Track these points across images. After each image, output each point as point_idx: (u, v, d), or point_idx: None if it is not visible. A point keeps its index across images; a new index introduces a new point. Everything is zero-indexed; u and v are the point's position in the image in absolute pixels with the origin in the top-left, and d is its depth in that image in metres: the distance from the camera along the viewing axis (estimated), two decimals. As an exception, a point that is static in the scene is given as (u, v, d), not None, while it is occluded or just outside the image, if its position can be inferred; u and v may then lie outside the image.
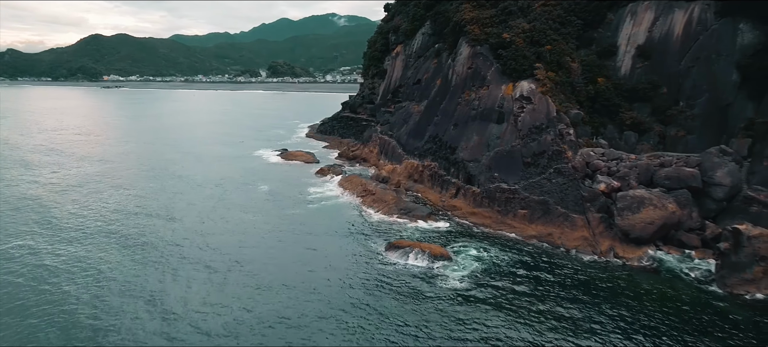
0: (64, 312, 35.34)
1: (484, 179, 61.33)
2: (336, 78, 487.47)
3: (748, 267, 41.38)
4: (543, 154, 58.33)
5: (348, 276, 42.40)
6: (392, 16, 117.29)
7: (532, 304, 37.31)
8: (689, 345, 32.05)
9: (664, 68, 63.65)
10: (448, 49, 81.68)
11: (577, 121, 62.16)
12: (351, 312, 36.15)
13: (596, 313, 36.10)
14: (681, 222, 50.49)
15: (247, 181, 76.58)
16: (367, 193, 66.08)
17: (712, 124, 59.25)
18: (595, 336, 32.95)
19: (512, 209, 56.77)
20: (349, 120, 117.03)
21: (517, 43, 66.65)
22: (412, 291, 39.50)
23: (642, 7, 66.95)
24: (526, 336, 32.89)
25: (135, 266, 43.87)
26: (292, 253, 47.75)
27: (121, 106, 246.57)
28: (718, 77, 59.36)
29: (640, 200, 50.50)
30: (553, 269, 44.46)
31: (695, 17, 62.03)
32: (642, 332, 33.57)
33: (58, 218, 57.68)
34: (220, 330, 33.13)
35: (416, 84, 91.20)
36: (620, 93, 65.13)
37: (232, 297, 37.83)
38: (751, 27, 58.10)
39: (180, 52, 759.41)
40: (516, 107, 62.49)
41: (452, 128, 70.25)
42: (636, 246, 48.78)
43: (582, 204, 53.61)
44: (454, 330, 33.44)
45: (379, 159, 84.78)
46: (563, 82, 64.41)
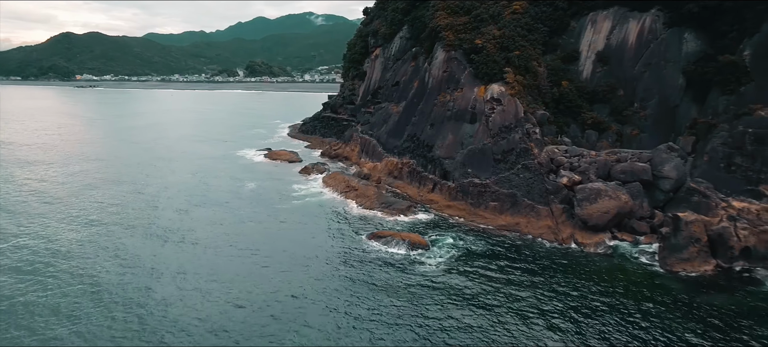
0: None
1: (459, 175, 66.48)
2: (314, 77, 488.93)
3: (684, 248, 47.43)
4: (512, 152, 63.75)
5: (335, 262, 46.97)
6: (371, 20, 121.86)
7: (499, 284, 42.43)
8: (632, 313, 37.49)
9: (620, 72, 69.89)
10: (424, 52, 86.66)
11: (543, 121, 67.88)
12: (339, 290, 40.71)
13: (555, 288, 41.40)
14: (633, 211, 56.34)
15: (234, 179, 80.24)
16: (350, 189, 70.60)
17: (662, 124, 65.56)
18: (553, 306, 38.16)
19: (484, 202, 62.01)
20: (331, 120, 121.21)
21: (489, 49, 71.99)
22: (392, 274, 44.27)
23: (601, 16, 73.13)
24: (493, 309, 37.89)
25: (143, 249, 47.55)
26: (283, 243, 52.01)
27: (100, 106, 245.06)
28: (667, 81, 65.75)
29: (597, 192, 56.23)
30: (519, 254, 49.73)
31: (646, 27, 68.36)
32: (593, 304, 38.95)
33: (84, 208, 60.70)
34: (226, 306, 37.30)
35: (395, 86, 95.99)
36: (582, 95, 71.12)
37: (234, 277, 41.99)
38: (694, 36, 64.62)
39: (155, 51, 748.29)
40: (487, 108, 67.82)
41: (429, 128, 75.24)
42: (593, 233, 54.40)
43: (546, 197, 59.14)
44: (429, 306, 38.27)
45: (360, 157, 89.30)
46: (530, 85, 70.02)
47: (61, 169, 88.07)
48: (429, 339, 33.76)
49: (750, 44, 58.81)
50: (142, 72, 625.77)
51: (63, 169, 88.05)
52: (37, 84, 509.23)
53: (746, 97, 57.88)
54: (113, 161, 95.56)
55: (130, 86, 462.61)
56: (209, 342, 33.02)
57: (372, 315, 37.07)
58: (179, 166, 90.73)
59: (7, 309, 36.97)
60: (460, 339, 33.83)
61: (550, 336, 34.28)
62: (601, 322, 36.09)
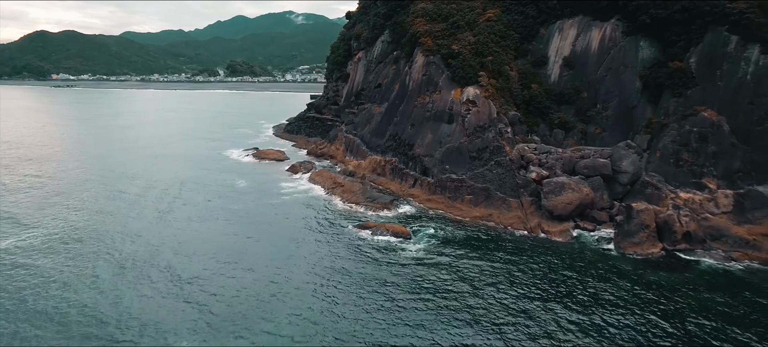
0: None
1: (437, 171, 72.00)
2: (296, 77, 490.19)
3: (635, 234, 53.69)
4: (486, 149, 69.52)
5: (326, 248, 52.03)
6: (354, 24, 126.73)
7: (472, 267, 47.96)
8: (588, 287, 43.36)
9: (584, 76, 76.26)
10: (405, 57, 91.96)
11: (514, 121, 73.81)
12: (329, 272, 45.79)
13: (523, 267, 47.11)
14: (594, 202, 62.55)
15: (225, 178, 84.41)
16: (336, 185, 75.57)
17: (621, 123, 72.04)
18: (521, 280, 43.81)
19: (460, 195, 67.62)
20: (315, 120, 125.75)
21: (464, 54, 77.62)
22: (377, 258, 49.47)
23: (567, 24, 79.41)
24: (465, 287, 43.37)
25: (147, 239, 51.87)
26: (277, 234, 56.82)
27: (84, 106, 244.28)
28: (625, 85, 72.26)
29: (562, 185, 62.30)
30: (491, 242, 55.41)
31: (607, 35, 74.84)
32: (555, 280, 44.76)
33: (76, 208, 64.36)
34: (234, 282, 42.05)
35: (377, 88, 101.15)
36: (550, 97, 77.28)
37: (236, 261, 46.69)
38: (648, 44, 71.24)
39: (133, 50, 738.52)
40: (463, 109, 73.47)
41: (410, 128, 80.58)
42: (558, 222, 60.39)
43: (517, 190, 65.03)
44: (411, 282, 43.58)
45: (345, 155, 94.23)
46: (503, 87, 75.89)
47: (70, 166, 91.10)
48: (410, 307, 39.05)
49: (695, 52, 65.55)
50: (121, 71, 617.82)
51: (70, 167, 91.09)
52: (10, 83, 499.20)
53: (692, 99, 64.61)
54: (107, 160, 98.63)
55: (108, 86, 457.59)
56: (232, 300, 37.79)
57: (360, 290, 42.23)
58: (172, 165, 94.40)
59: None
60: (439, 305, 39.18)
61: (518, 301, 39.89)
62: (562, 293, 41.87)
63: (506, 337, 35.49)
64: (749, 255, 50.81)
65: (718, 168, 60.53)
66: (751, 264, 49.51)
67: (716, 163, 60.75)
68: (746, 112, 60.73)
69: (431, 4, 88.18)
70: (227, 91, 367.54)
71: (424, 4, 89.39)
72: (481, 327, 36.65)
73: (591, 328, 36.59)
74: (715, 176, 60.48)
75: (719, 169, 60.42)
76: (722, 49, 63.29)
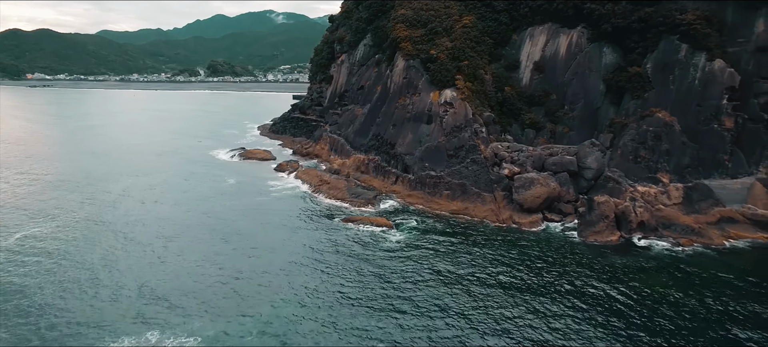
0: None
1: (417, 168, 77.03)
2: (277, 77, 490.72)
3: (596, 223, 59.47)
4: (462, 148, 74.78)
5: (316, 239, 56.64)
6: (336, 28, 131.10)
7: (450, 254, 53.04)
8: (553, 271, 48.74)
9: (553, 79, 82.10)
10: (386, 60, 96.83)
11: (488, 122, 79.23)
12: (320, 260, 50.48)
13: (495, 256, 52.33)
14: (561, 196, 68.19)
15: (215, 177, 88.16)
16: (323, 183, 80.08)
17: (587, 123, 78.00)
18: (494, 263, 49.03)
19: (439, 191, 72.74)
20: (300, 120, 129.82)
21: (442, 59, 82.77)
22: (362, 247, 54.25)
23: (537, 31, 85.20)
24: (444, 272, 48.41)
25: (151, 231, 55.78)
26: (270, 227, 61.19)
27: (68, 106, 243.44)
28: (590, 87, 78.27)
29: (532, 181, 67.84)
30: (467, 232, 60.59)
31: (574, 41, 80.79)
32: (525, 262, 50.11)
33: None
34: (232, 272, 46.39)
35: (360, 89, 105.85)
36: (522, 99, 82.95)
37: (232, 252, 50.98)
38: (611, 50, 77.35)
39: (111, 50, 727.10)
40: (441, 111, 78.63)
41: (391, 128, 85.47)
42: (528, 214, 65.88)
43: (491, 186, 70.42)
44: (393, 267, 48.45)
45: (330, 154, 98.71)
46: (478, 90, 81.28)
47: (77, 164, 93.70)
48: (393, 287, 43.92)
49: (651, 59, 71.84)
50: (98, 71, 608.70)
51: (73, 166, 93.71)
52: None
53: (649, 101, 70.86)
54: (103, 159, 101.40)
55: (87, 86, 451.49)
56: (236, 284, 42.15)
57: (346, 275, 46.99)
58: (163, 164, 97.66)
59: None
60: (420, 287, 44.12)
61: (491, 280, 45.05)
62: (530, 276, 47.20)
63: (481, 311, 40.57)
64: (694, 240, 56.96)
65: (670, 164, 66.85)
66: (696, 248, 55.63)
67: (669, 159, 67.05)
68: (694, 113, 67.19)
69: (411, 11, 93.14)
70: (209, 92, 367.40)
71: (404, 11, 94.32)
72: (458, 305, 41.66)
73: (554, 304, 41.91)
74: (667, 171, 66.78)
75: (671, 165, 66.75)
76: (674, 56, 69.66)
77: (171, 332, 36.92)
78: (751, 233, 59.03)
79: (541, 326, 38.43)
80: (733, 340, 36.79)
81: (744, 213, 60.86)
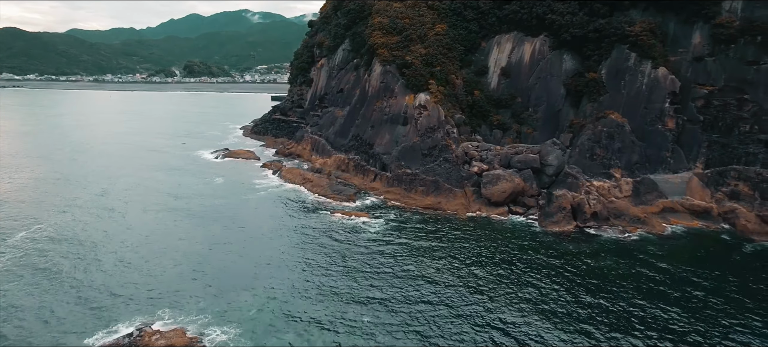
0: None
1: (394, 166, 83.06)
2: (255, 77, 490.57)
3: (554, 214, 66.44)
4: (435, 148, 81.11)
5: (302, 231, 62.13)
6: (315, 32, 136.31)
7: (425, 243, 59.19)
8: (515, 256, 55.26)
9: (518, 84, 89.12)
10: (364, 65, 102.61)
11: (459, 123, 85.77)
12: (307, 248, 56.00)
13: (464, 244, 58.66)
14: (525, 190, 75.02)
15: (203, 176, 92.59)
16: (306, 181, 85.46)
17: (549, 124, 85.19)
18: (463, 248, 55.31)
19: (414, 187, 78.90)
20: (281, 122, 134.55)
21: (416, 64, 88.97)
22: (346, 236, 60.03)
23: (504, 39, 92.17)
24: (420, 257, 54.50)
25: (155, 226, 60.44)
26: (259, 221, 66.39)
27: (43, 109, 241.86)
28: (552, 91, 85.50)
29: (498, 177, 74.58)
30: (439, 224, 66.84)
31: (537, 49, 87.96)
32: (492, 247, 56.58)
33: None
34: (232, 257, 51.60)
35: (339, 92, 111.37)
36: (490, 102, 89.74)
37: (228, 242, 56.18)
38: (570, 57, 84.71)
39: (82, 49, 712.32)
40: (416, 113, 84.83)
41: (370, 129, 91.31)
42: (495, 207, 72.56)
43: (461, 182, 76.89)
44: (371, 255, 54.33)
45: (311, 154, 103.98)
46: (450, 94, 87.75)
47: (71, 166, 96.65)
48: (373, 267, 49.80)
49: (605, 65, 79.35)
50: (70, 71, 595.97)
51: (71, 166, 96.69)
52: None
53: (603, 104, 78.31)
54: (98, 159, 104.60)
55: (59, 87, 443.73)
56: (237, 269, 47.41)
57: (332, 261, 52.71)
58: (152, 165, 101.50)
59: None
60: (398, 270, 50.10)
61: (460, 265, 51.30)
62: (495, 260, 53.63)
63: (452, 288, 46.77)
64: (639, 228, 64.44)
65: (621, 160, 74.32)
66: (641, 234, 63.06)
67: (620, 156, 74.52)
68: (642, 115, 74.89)
69: (387, 19, 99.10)
70: (186, 93, 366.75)
71: (380, 19, 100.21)
72: (432, 284, 47.78)
73: (513, 282, 48.39)
74: (619, 167, 74.23)
75: (622, 162, 74.23)
76: (625, 63, 77.29)
77: (180, 310, 42.08)
78: (688, 221, 66.89)
79: (501, 296, 44.81)
80: (661, 305, 43.76)
81: (683, 204, 68.69)
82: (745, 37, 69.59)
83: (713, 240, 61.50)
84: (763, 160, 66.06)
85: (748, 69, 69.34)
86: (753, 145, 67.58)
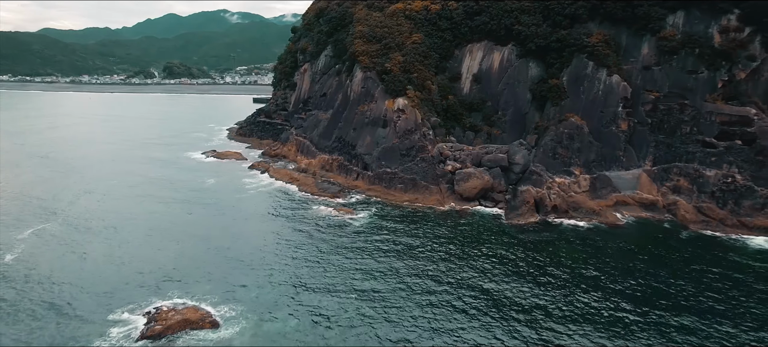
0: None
1: (375, 166, 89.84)
2: (235, 79, 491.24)
3: (519, 208, 74.02)
4: (413, 148, 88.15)
5: (292, 225, 68.49)
6: (299, 39, 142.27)
7: (404, 234, 66.09)
8: (483, 244, 62.49)
9: (488, 89, 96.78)
10: (346, 71, 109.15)
11: (435, 126, 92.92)
12: (298, 239, 62.43)
13: (439, 234, 65.71)
14: (494, 187, 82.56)
15: (195, 176, 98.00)
16: (293, 180, 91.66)
17: (516, 126, 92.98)
18: (436, 242, 62.32)
19: (394, 185, 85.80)
20: (266, 124, 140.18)
21: (395, 71, 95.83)
22: (332, 228, 66.61)
23: (475, 47, 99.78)
24: (400, 245, 61.34)
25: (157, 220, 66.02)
26: (252, 216, 72.47)
27: (23, 111, 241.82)
28: (519, 96, 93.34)
29: (470, 174, 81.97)
30: (417, 218, 73.82)
31: (505, 57, 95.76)
32: (461, 237, 63.76)
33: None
34: (231, 249, 57.64)
35: (322, 96, 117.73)
36: (463, 106, 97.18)
37: (225, 241, 62.22)
38: (535, 65, 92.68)
39: (57, 49, 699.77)
40: (395, 116, 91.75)
41: (352, 131, 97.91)
42: (467, 202, 79.89)
43: (436, 179, 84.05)
44: (355, 246, 61.00)
45: (297, 155, 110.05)
46: (426, 98, 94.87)
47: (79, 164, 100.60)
48: (358, 255, 56.50)
49: (566, 72, 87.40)
50: (45, 72, 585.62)
51: (79, 164, 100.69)
52: None
53: (565, 108, 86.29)
54: (96, 161, 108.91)
55: (35, 88, 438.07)
56: (237, 256, 53.53)
57: (320, 250, 59.28)
58: (145, 166, 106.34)
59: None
60: (380, 256, 56.86)
61: (435, 249, 58.30)
62: (466, 248, 60.80)
63: (427, 268, 53.71)
64: (594, 219, 72.39)
65: (581, 159, 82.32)
66: (595, 224, 70.97)
67: (580, 155, 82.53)
68: (598, 118, 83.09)
69: (367, 28, 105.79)
70: (166, 94, 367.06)
71: (361, 28, 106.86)
72: (411, 267, 54.65)
73: (481, 265, 55.61)
74: (579, 165, 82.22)
75: (581, 160, 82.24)
76: (583, 71, 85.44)
77: (188, 292, 48.14)
78: (638, 213, 75.16)
79: (470, 275, 51.95)
80: (603, 278, 51.43)
81: (633, 198, 77.00)
82: (686, 49, 78.33)
83: (657, 228, 69.81)
84: (700, 158, 74.75)
85: (688, 77, 78.11)
86: (692, 145, 76.27)
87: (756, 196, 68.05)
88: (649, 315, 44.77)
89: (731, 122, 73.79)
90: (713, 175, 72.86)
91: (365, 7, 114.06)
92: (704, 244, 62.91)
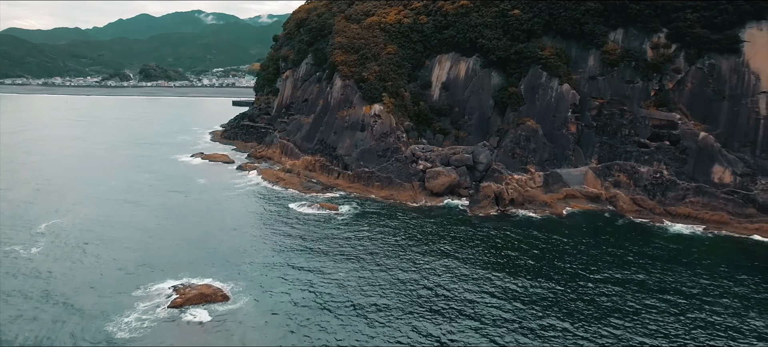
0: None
1: (355, 166, 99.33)
2: (213, 81, 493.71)
3: (480, 202, 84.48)
4: (388, 150, 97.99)
5: (282, 219, 77.46)
6: (281, 46, 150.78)
7: (382, 225, 75.70)
8: (450, 233, 72.49)
9: (456, 96, 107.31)
10: (326, 79, 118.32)
11: (408, 129, 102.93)
12: (289, 231, 71.50)
13: (412, 225, 75.56)
14: (460, 184, 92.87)
15: (184, 177, 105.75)
16: (279, 179, 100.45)
17: (480, 129, 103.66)
18: (409, 232, 72.11)
19: (371, 183, 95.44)
20: (250, 127, 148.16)
21: (371, 79, 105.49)
22: (317, 222, 75.86)
23: (444, 58, 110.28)
24: (378, 236, 70.90)
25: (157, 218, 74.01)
26: (243, 213, 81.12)
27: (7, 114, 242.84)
28: (483, 102, 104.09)
29: (439, 173, 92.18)
30: (393, 211, 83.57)
31: (470, 67, 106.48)
32: (430, 226, 73.75)
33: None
34: (227, 242, 66.29)
35: (304, 102, 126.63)
36: (433, 111, 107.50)
37: (223, 232, 70.77)
38: (497, 74, 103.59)
39: (26, 50, 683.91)
40: (372, 121, 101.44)
41: (333, 134, 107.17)
42: (436, 197, 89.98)
43: (409, 177, 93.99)
44: (338, 238, 70.38)
45: (281, 157, 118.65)
46: (400, 105, 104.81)
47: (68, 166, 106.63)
48: (342, 244, 65.90)
49: (524, 81, 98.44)
50: (13, 74, 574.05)
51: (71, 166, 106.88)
52: None
53: (522, 113, 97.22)
54: (93, 164, 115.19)
55: (6, 90, 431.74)
56: (236, 246, 62.22)
57: (306, 240, 68.51)
58: (138, 168, 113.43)
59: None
60: (361, 245, 66.34)
61: (407, 237, 68.08)
62: (434, 235, 70.78)
63: (401, 251, 63.40)
64: (546, 210, 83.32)
65: (535, 158, 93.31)
66: (546, 215, 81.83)
67: (535, 155, 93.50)
68: (551, 122, 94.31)
69: (346, 39, 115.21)
70: (144, 97, 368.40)
71: (340, 39, 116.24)
72: (386, 250, 64.32)
73: (445, 251, 65.65)
74: (534, 163, 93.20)
75: (536, 159, 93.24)
76: (538, 80, 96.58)
77: (196, 274, 56.78)
78: (584, 205, 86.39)
79: (435, 257, 61.94)
80: (548, 257, 62.00)
81: (581, 191, 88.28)
82: (624, 62, 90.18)
83: (598, 217, 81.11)
84: (636, 156, 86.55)
85: (627, 86, 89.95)
86: (630, 145, 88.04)
87: (678, 189, 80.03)
88: (570, 284, 55.36)
89: (661, 126, 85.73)
90: (646, 171, 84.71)
91: (344, 19, 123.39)
92: (634, 230, 74.42)
